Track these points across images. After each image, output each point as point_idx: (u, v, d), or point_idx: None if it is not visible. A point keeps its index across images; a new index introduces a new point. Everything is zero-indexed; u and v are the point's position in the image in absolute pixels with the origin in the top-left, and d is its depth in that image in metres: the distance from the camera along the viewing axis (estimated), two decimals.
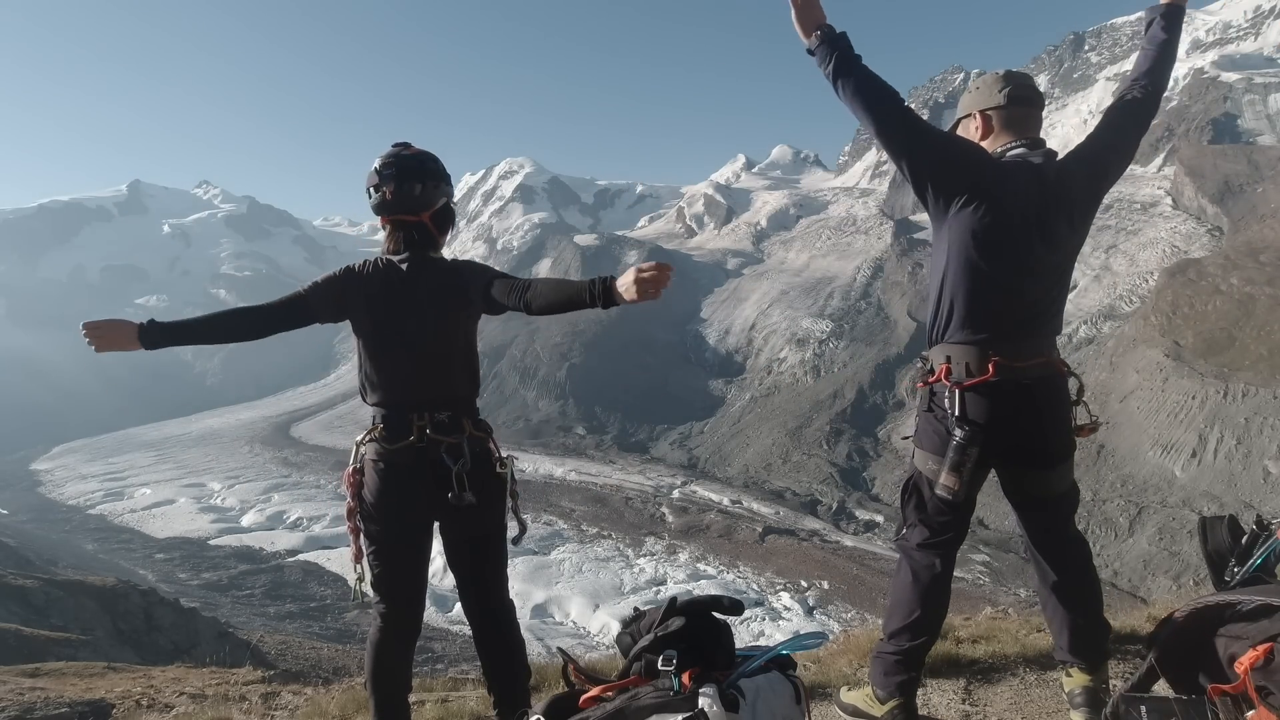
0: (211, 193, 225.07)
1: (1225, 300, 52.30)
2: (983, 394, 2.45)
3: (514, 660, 2.72)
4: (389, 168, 2.58)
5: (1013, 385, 2.44)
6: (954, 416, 2.45)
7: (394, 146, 2.66)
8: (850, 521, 55.43)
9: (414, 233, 2.63)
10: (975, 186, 2.40)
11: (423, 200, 2.60)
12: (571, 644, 34.99)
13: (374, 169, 2.61)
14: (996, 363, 2.43)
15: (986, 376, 2.43)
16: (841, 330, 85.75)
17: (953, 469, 2.43)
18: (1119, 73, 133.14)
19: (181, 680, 6.98)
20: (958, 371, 2.48)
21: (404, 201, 2.59)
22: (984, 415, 2.44)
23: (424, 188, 2.60)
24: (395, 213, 2.61)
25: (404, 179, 2.58)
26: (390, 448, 2.54)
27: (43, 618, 15.94)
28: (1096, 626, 2.64)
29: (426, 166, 2.61)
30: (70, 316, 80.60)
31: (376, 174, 2.60)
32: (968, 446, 2.41)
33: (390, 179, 2.58)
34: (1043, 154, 2.49)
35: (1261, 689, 1.69)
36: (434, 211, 2.65)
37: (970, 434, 2.41)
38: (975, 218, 2.40)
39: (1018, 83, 2.57)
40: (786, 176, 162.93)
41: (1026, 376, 2.46)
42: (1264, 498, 40.07)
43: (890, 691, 2.68)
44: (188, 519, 59.52)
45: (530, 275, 20.40)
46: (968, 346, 2.47)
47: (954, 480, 2.43)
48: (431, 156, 2.64)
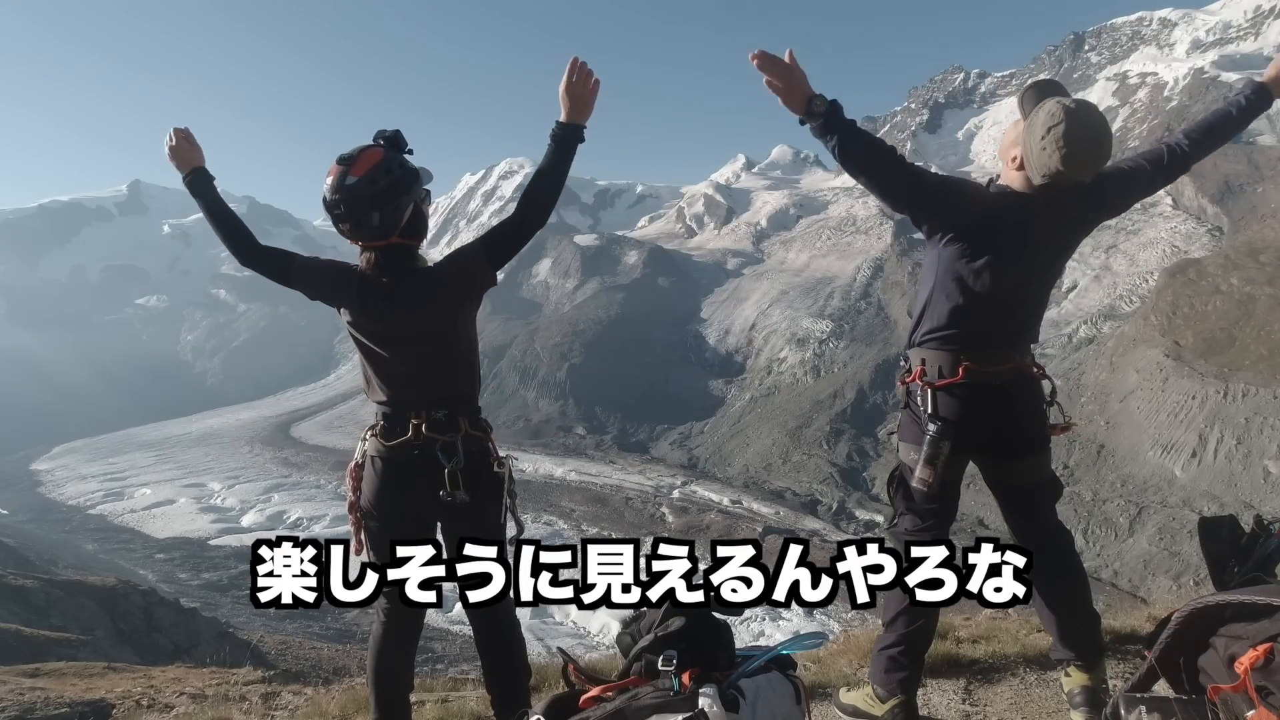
0: None
1: (1225, 300, 52.30)
2: (954, 394, 2.58)
3: (514, 660, 2.72)
4: (337, 205, 2.38)
5: (983, 388, 2.57)
6: (927, 414, 2.60)
7: (338, 165, 2.39)
8: (850, 521, 55.40)
9: (388, 254, 2.51)
10: (962, 226, 2.53)
11: (384, 227, 2.43)
12: (571, 644, 34.99)
13: (323, 201, 2.41)
14: (966, 367, 2.56)
15: (957, 379, 2.56)
16: (841, 330, 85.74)
17: (927, 462, 2.57)
18: (1119, 73, 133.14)
19: (182, 680, 6.98)
20: (931, 372, 2.63)
21: (365, 234, 2.45)
22: (955, 413, 2.58)
23: (381, 214, 2.40)
24: (361, 242, 2.50)
25: (356, 214, 2.39)
26: (388, 445, 2.54)
27: (43, 618, 15.93)
28: (1086, 616, 2.67)
29: (378, 189, 2.36)
30: (70, 316, 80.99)
31: (327, 210, 2.41)
32: (940, 441, 2.55)
33: (342, 217, 2.40)
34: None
35: (1261, 689, 1.69)
36: (402, 228, 2.49)
37: (942, 429, 2.55)
38: (961, 251, 2.53)
39: (1077, 148, 2.32)
40: (786, 176, 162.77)
41: (996, 380, 2.58)
42: (1264, 498, 40.08)
43: (891, 690, 2.69)
44: (188, 519, 59.51)
45: (530, 275, 20.44)
46: (941, 352, 2.61)
47: (928, 473, 2.57)
48: (383, 168, 2.37)
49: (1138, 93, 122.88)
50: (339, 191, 2.38)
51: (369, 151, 2.41)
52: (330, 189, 2.39)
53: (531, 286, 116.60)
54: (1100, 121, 2.37)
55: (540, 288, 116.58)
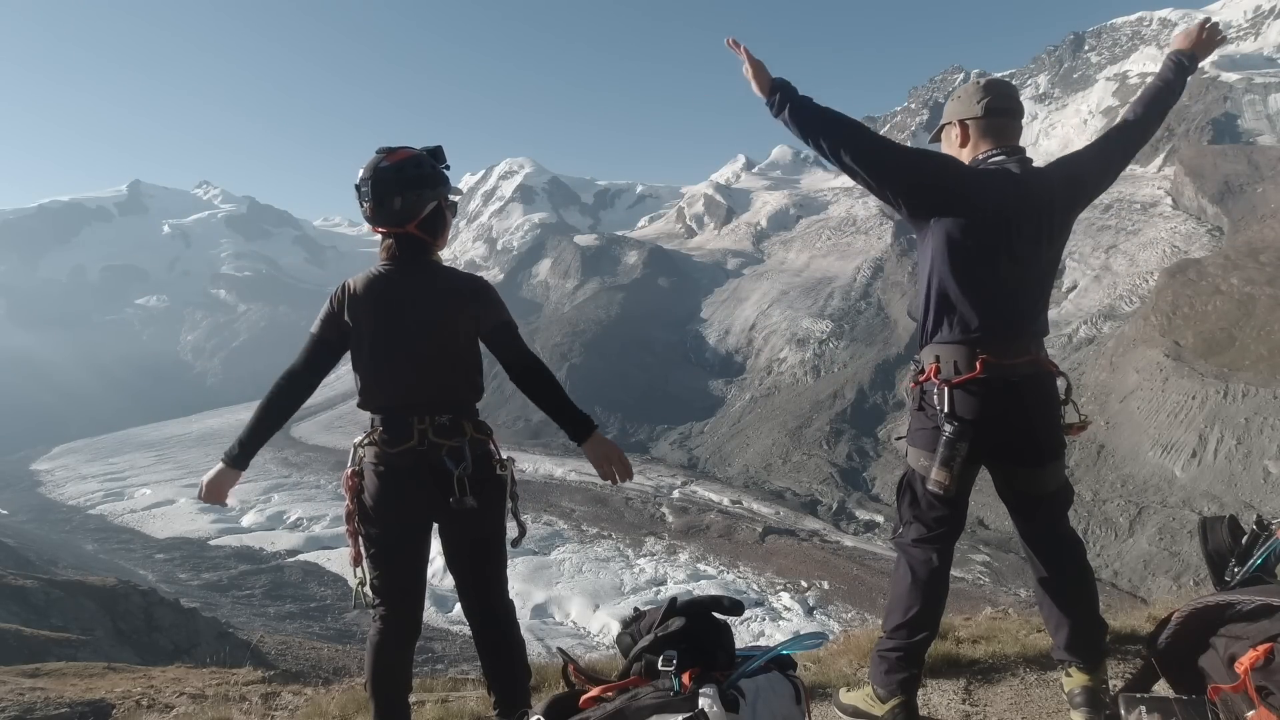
0: (211, 193, 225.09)
1: (1225, 300, 52.28)
2: (971, 391, 2.51)
3: (514, 661, 2.72)
4: (365, 183, 2.53)
5: (1001, 383, 2.50)
6: (943, 413, 2.51)
7: (376, 154, 2.57)
8: (850, 521, 55.39)
9: (403, 243, 2.58)
10: (947, 201, 2.49)
11: (404, 213, 2.53)
12: (571, 644, 34.98)
13: (355, 183, 2.57)
14: (984, 360, 2.48)
15: (975, 373, 2.49)
16: (841, 330, 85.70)
17: (943, 464, 2.48)
18: (1119, 73, 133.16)
19: (181, 680, 6.98)
20: (946, 370, 2.54)
21: (385, 217, 2.54)
22: (973, 412, 2.49)
23: (403, 200, 2.52)
24: (380, 226, 2.58)
25: (381, 194, 2.51)
26: (391, 451, 2.52)
27: (43, 618, 15.93)
28: (1093, 625, 2.65)
29: (405, 176, 2.51)
30: (70, 316, 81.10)
31: (356, 189, 2.56)
32: (957, 441, 2.46)
33: (367, 196, 2.53)
34: (1019, 161, 2.54)
35: (1261, 689, 1.69)
36: (420, 220, 2.57)
37: (959, 429, 2.46)
38: (954, 226, 2.48)
39: (996, 93, 2.62)
40: (786, 176, 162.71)
41: (1014, 374, 2.51)
42: (1264, 498, 40.06)
43: (891, 690, 2.69)
44: (188, 519, 59.53)
45: (530, 275, 20.48)
46: (956, 346, 2.53)
47: (944, 475, 2.48)
48: (414, 161, 2.54)
49: (1138, 93, 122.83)
50: (370, 172, 2.53)
51: (407, 149, 2.59)
52: (363, 170, 2.55)
53: (531, 286, 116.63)
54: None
55: (540, 288, 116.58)
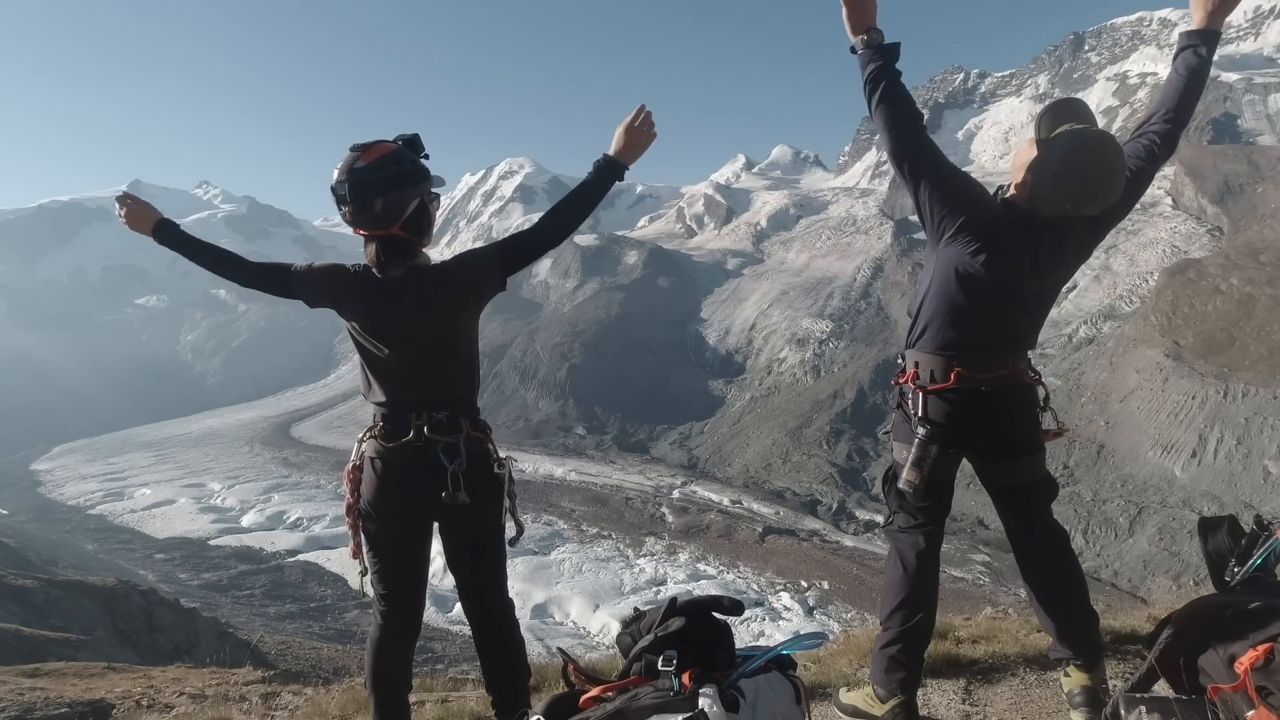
0: (211, 193, 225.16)
1: (1225, 300, 52.28)
2: (944, 398, 2.58)
3: (514, 660, 2.71)
4: (342, 185, 2.39)
5: (974, 392, 2.57)
6: (917, 417, 2.61)
7: (350, 152, 2.41)
8: (850, 521, 55.38)
9: (387, 245, 2.48)
10: (968, 229, 2.49)
11: (386, 215, 2.41)
12: (571, 644, 34.99)
13: (331, 185, 2.42)
14: (958, 373, 2.56)
15: (948, 384, 2.57)
16: (841, 330, 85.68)
17: (914, 464, 2.59)
18: (1119, 73, 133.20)
19: (181, 680, 6.98)
20: (924, 376, 2.63)
21: (366, 219, 2.42)
22: (944, 416, 2.59)
23: (385, 201, 2.39)
24: (362, 229, 2.48)
25: (360, 197, 2.39)
26: (388, 446, 2.53)
27: (43, 618, 15.92)
28: (1083, 615, 2.67)
29: (385, 175, 2.37)
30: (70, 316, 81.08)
31: (333, 192, 2.43)
32: (928, 444, 2.56)
33: (345, 199, 2.40)
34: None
35: (1261, 689, 1.69)
36: (404, 221, 2.45)
37: (930, 433, 2.56)
38: (963, 255, 2.49)
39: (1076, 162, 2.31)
40: (786, 176, 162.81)
41: (988, 385, 2.57)
42: (1264, 498, 40.06)
43: (891, 690, 2.69)
44: (188, 519, 59.50)
45: (530, 276, 20.43)
46: (935, 356, 2.61)
47: (915, 475, 2.59)
48: (393, 158, 2.40)
49: (1138, 93, 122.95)
50: (346, 174, 2.39)
51: (383, 144, 2.44)
52: (339, 172, 2.41)
53: (531, 286, 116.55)
54: (1113, 158, 2.31)
55: (540, 288, 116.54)
